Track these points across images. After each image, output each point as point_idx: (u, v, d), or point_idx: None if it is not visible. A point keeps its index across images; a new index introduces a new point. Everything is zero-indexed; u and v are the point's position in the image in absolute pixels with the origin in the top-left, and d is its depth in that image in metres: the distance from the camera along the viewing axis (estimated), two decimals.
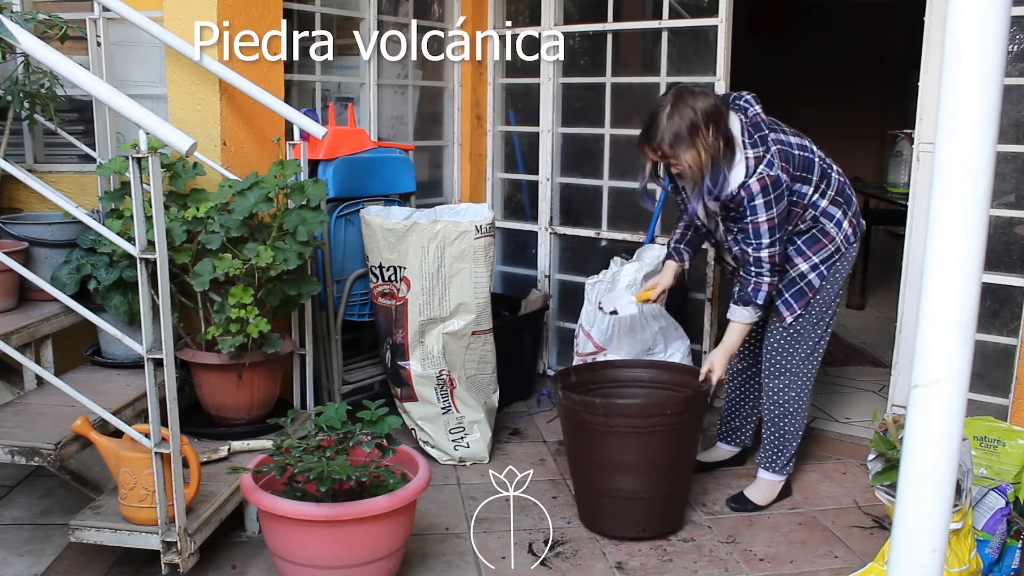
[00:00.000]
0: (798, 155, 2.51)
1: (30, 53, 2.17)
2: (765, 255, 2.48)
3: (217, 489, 2.35)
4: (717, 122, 2.39)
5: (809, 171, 2.53)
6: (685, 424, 2.56)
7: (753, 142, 2.44)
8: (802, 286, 2.61)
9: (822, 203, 2.56)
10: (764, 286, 2.51)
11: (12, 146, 2.89)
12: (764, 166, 2.42)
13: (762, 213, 2.43)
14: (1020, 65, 2.88)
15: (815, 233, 2.59)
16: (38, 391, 2.57)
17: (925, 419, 0.90)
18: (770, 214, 2.43)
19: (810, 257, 2.59)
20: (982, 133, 0.84)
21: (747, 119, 2.48)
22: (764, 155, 2.43)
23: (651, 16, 3.63)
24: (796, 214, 2.54)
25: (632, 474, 2.54)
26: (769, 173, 2.41)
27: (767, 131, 2.47)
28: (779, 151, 2.45)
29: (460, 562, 2.41)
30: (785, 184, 2.44)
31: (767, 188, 2.41)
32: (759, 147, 2.44)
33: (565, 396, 2.58)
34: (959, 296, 0.87)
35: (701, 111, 2.37)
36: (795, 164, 2.49)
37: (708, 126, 2.37)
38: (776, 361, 2.71)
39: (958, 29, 0.84)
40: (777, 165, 2.43)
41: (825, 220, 2.58)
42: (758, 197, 2.42)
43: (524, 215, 4.13)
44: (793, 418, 2.74)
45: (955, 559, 2.04)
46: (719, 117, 2.40)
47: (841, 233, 2.60)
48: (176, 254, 2.50)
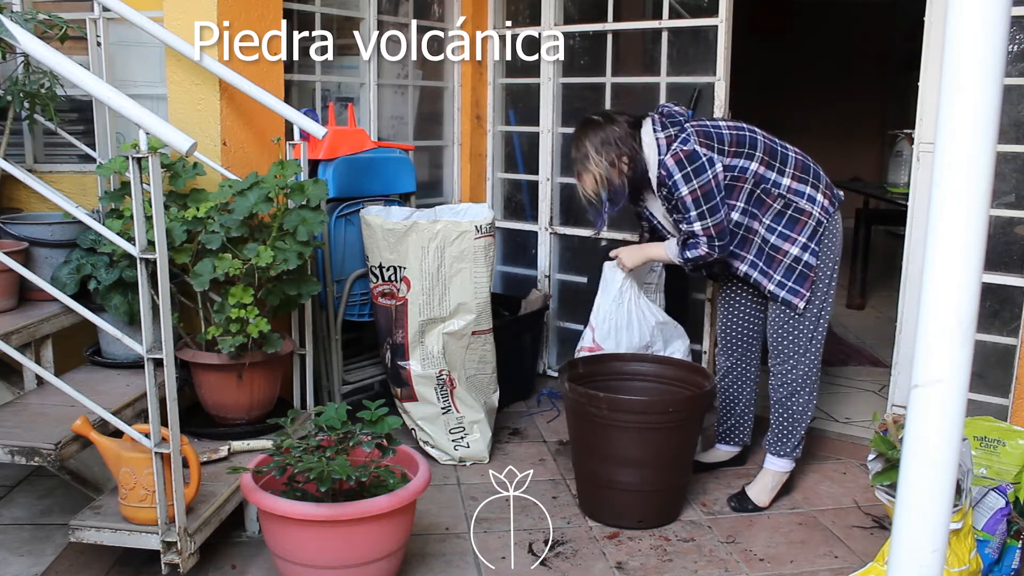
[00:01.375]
0: (727, 133, 2.62)
1: (30, 53, 2.17)
2: (698, 227, 2.58)
3: (217, 489, 2.35)
4: (618, 150, 2.63)
5: (748, 147, 2.62)
6: (686, 422, 2.58)
7: (663, 126, 2.62)
8: (801, 269, 2.64)
9: (784, 181, 2.63)
10: (700, 250, 2.62)
11: (12, 146, 2.89)
12: (678, 143, 2.57)
13: (683, 186, 2.55)
14: (1020, 65, 2.88)
15: (791, 214, 2.63)
16: (38, 391, 2.57)
17: (925, 419, 0.90)
18: (691, 186, 2.55)
19: (796, 239, 2.63)
20: (982, 133, 0.84)
21: (660, 115, 2.67)
22: (677, 135, 2.59)
23: (651, 16, 3.63)
24: (742, 189, 2.61)
25: (632, 467, 2.58)
26: (683, 148, 2.56)
27: (682, 119, 2.65)
28: (696, 130, 2.60)
29: (460, 562, 2.41)
30: (705, 156, 2.55)
31: (682, 162, 2.55)
32: (669, 129, 2.61)
33: (571, 388, 2.60)
34: (959, 296, 0.87)
35: (594, 142, 2.65)
36: (724, 140, 2.60)
37: (600, 153, 2.64)
38: (785, 345, 2.73)
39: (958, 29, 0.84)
40: (692, 141, 2.57)
41: (796, 198, 2.63)
42: (675, 171, 2.55)
43: (524, 215, 4.13)
44: (801, 397, 2.75)
45: (955, 559, 2.04)
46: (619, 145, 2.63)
47: (817, 206, 2.64)
48: (176, 254, 2.50)
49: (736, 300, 2.91)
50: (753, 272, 2.68)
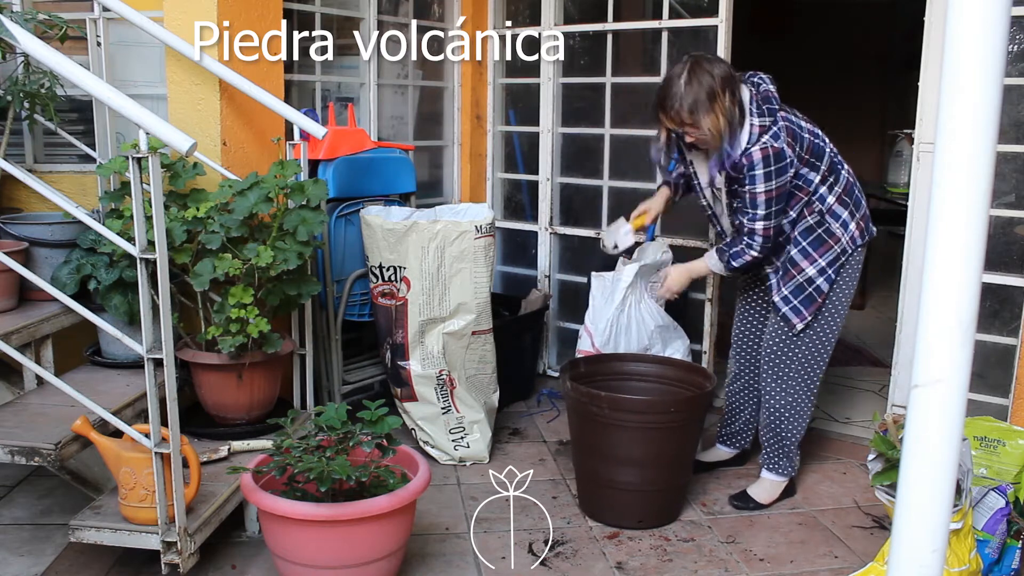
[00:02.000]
0: (808, 138, 2.51)
1: (30, 53, 2.17)
2: (759, 227, 2.49)
3: (217, 489, 2.35)
4: (733, 88, 2.41)
5: (818, 159, 2.52)
6: (687, 422, 2.58)
7: (760, 112, 2.45)
8: (811, 291, 2.59)
9: (829, 199, 2.56)
10: (747, 257, 2.54)
11: (12, 146, 2.89)
12: (769, 136, 2.43)
13: (760, 184, 2.43)
14: (1020, 65, 2.88)
15: (821, 234, 2.57)
16: (38, 391, 2.57)
17: (925, 419, 0.90)
18: (768, 186, 2.43)
19: (816, 260, 2.57)
20: (982, 133, 0.84)
21: (758, 92, 2.49)
22: (770, 126, 2.44)
23: (651, 16, 3.64)
24: (800, 200, 2.53)
25: (633, 467, 2.58)
26: (773, 144, 2.42)
27: (777, 107, 2.48)
28: (786, 127, 2.47)
29: (460, 562, 2.41)
30: (789, 159, 2.44)
31: (769, 159, 2.41)
32: (765, 117, 2.45)
33: (573, 387, 2.61)
34: (959, 296, 0.87)
35: (719, 76, 2.39)
36: (803, 146, 2.49)
37: (725, 91, 2.39)
38: (776, 365, 2.71)
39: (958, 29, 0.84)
40: (783, 139, 2.43)
41: (831, 219, 2.57)
42: (759, 167, 2.42)
43: (524, 215, 4.13)
44: (789, 424, 2.73)
45: (955, 559, 2.04)
46: (734, 83, 2.43)
47: (847, 235, 2.58)
48: (176, 254, 2.50)
49: (753, 308, 2.89)
50: (774, 277, 2.65)
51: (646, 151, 2.80)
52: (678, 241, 3.49)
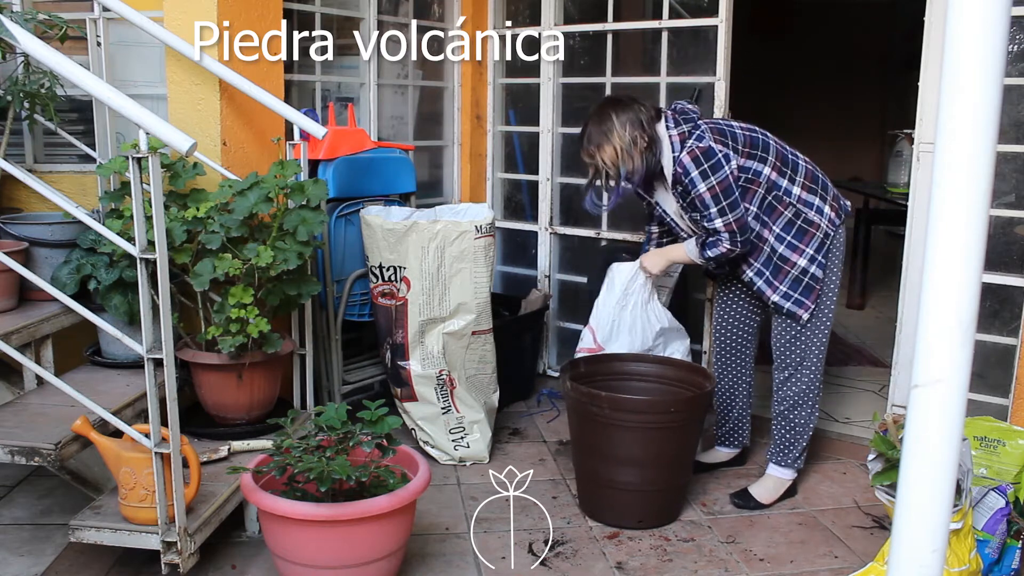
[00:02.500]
0: (740, 133, 2.61)
1: (30, 53, 2.17)
2: (719, 224, 2.55)
3: (217, 489, 2.35)
4: (635, 122, 2.58)
5: (762, 150, 2.61)
6: (687, 422, 2.58)
7: (677, 122, 2.60)
8: (807, 281, 2.64)
9: (795, 190, 2.63)
10: (721, 248, 2.59)
11: (12, 146, 2.89)
12: (693, 140, 2.55)
13: (700, 183, 2.53)
14: (1020, 65, 2.88)
15: (800, 224, 2.63)
16: (38, 391, 2.57)
17: (925, 419, 0.90)
18: (708, 183, 2.52)
19: (804, 250, 2.63)
20: (982, 133, 0.84)
21: (674, 111, 2.65)
22: (691, 131, 2.57)
23: (651, 16, 3.64)
24: (755, 193, 2.60)
25: (633, 467, 2.58)
26: (699, 145, 2.54)
27: (695, 117, 2.63)
28: (710, 128, 2.58)
29: (460, 562, 2.41)
30: (721, 153, 2.53)
31: (698, 159, 2.53)
32: (683, 126, 2.59)
33: (573, 387, 2.61)
34: (959, 296, 0.86)
35: (619, 113, 2.59)
36: (737, 140, 2.59)
37: (624, 126, 2.58)
38: (788, 356, 2.74)
39: (958, 29, 0.84)
40: (707, 138, 2.55)
41: (805, 208, 2.63)
42: (692, 168, 2.53)
43: (524, 215, 4.13)
44: (803, 410, 2.76)
45: (955, 559, 2.04)
46: (636, 121, 2.58)
47: (824, 218, 2.64)
48: (176, 254, 2.50)
49: (732, 303, 2.91)
50: (758, 280, 2.68)
51: None
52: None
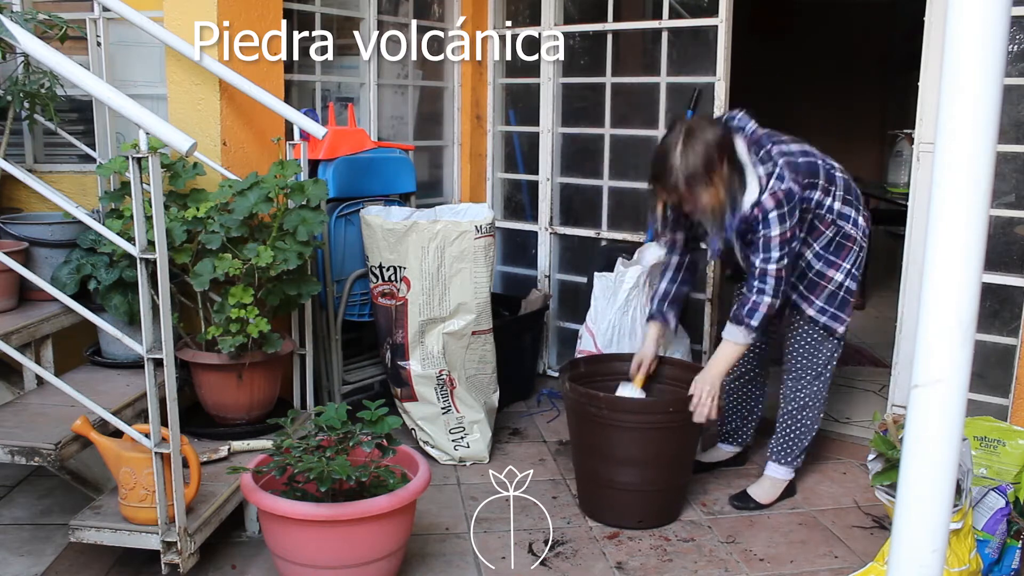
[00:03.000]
0: (802, 162, 2.49)
1: (30, 53, 2.17)
2: (772, 268, 2.43)
3: (217, 489, 2.35)
4: (730, 152, 2.38)
5: (815, 176, 2.51)
6: (685, 422, 2.57)
7: (761, 159, 2.43)
8: (843, 296, 2.61)
9: (836, 205, 2.56)
10: (763, 307, 2.45)
11: (12, 146, 2.89)
12: (775, 180, 2.40)
13: (775, 227, 2.40)
14: (1020, 65, 2.88)
15: (839, 240, 2.58)
16: (38, 391, 2.57)
17: (925, 419, 0.90)
18: (783, 227, 2.40)
19: (841, 265, 2.59)
20: (982, 133, 0.84)
21: (748, 138, 2.47)
22: (774, 170, 2.41)
23: (651, 16, 3.64)
24: (806, 220, 2.52)
25: (632, 467, 2.58)
26: (781, 187, 2.40)
27: (770, 145, 2.46)
28: (786, 163, 2.43)
29: (460, 562, 2.41)
30: (798, 196, 2.42)
31: (780, 202, 2.39)
32: (767, 163, 2.42)
33: (571, 388, 2.61)
34: (959, 296, 0.87)
35: (713, 144, 2.34)
36: (800, 171, 2.47)
37: (722, 159, 2.35)
38: (807, 362, 2.72)
39: (958, 29, 0.84)
40: (788, 178, 2.41)
41: (843, 222, 2.57)
42: (773, 212, 2.39)
43: (524, 215, 4.13)
44: (811, 412, 2.75)
45: (955, 559, 2.04)
46: (729, 146, 2.38)
47: (859, 231, 2.61)
48: (176, 254, 2.50)
49: None
50: (792, 293, 2.63)
51: (646, 151, 2.79)
52: None
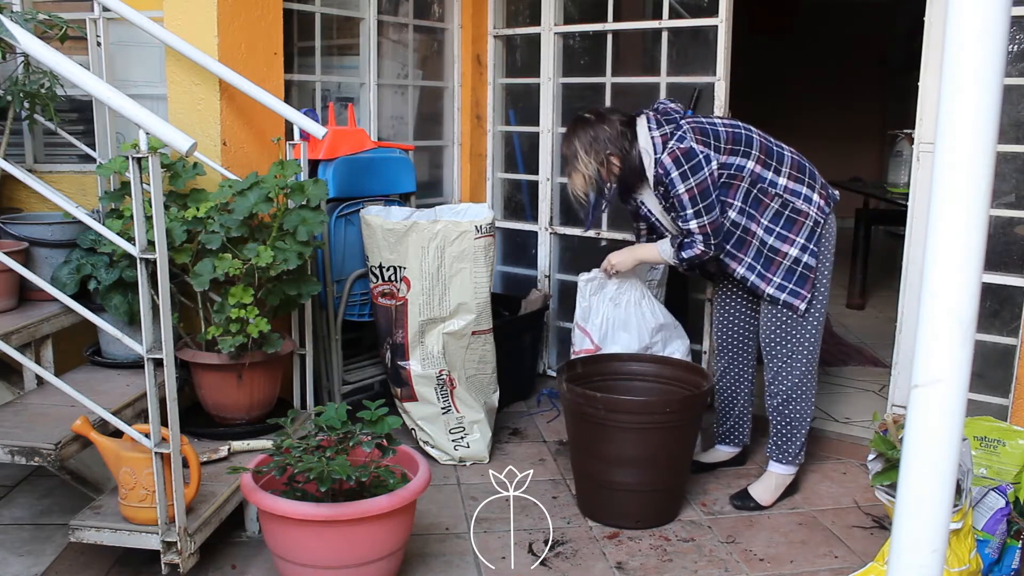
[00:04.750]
0: (723, 131, 2.63)
1: (30, 53, 2.17)
2: (694, 225, 2.58)
3: (217, 489, 2.35)
4: (600, 146, 2.65)
5: (745, 145, 2.62)
6: (683, 422, 2.58)
7: (659, 123, 2.62)
8: (801, 271, 2.63)
9: (781, 180, 2.63)
10: (695, 250, 2.63)
11: (12, 146, 2.89)
12: (674, 141, 2.57)
13: (680, 184, 2.55)
14: (1020, 65, 2.88)
15: (788, 215, 2.63)
16: (38, 391, 2.57)
17: (925, 419, 0.90)
18: (687, 184, 2.55)
19: (795, 240, 2.63)
20: (982, 133, 0.84)
21: (656, 112, 2.68)
22: (673, 132, 2.59)
23: (651, 16, 3.64)
24: (739, 188, 2.61)
25: (630, 468, 2.58)
26: (680, 146, 2.56)
27: (678, 116, 2.66)
28: (692, 127, 2.60)
29: (460, 562, 2.41)
30: (702, 154, 2.56)
31: (679, 160, 2.55)
32: (665, 127, 2.61)
33: (569, 388, 2.61)
34: (959, 296, 0.86)
35: (584, 141, 2.67)
36: (719, 138, 2.60)
37: (588, 152, 2.66)
38: (782, 351, 2.72)
39: (958, 29, 0.84)
40: (688, 139, 2.57)
41: (792, 198, 2.63)
42: (672, 170, 2.55)
43: (524, 215, 4.13)
44: (798, 403, 2.74)
45: (955, 559, 2.04)
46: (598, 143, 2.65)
47: (814, 207, 2.64)
48: (176, 254, 2.50)
49: (731, 301, 2.91)
50: (751, 275, 2.67)
51: None
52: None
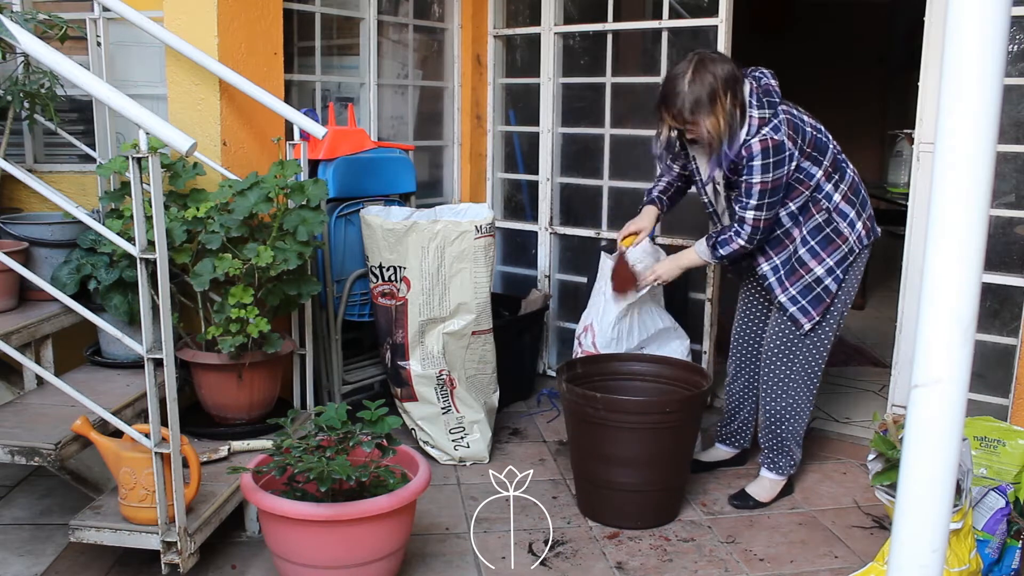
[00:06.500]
0: (810, 132, 2.52)
1: (30, 53, 2.17)
2: (750, 216, 2.49)
3: (217, 489, 2.35)
4: (735, 88, 2.43)
5: (820, 153, 2.53)
6: (683, 422, 2.58)
7: (760, 104, 2.46)
8: (819, 292, 2.59)
9: (835, 197, 2.56)
10: (735, 245, 2.54)
11: (12, 146, 2.89)
12: (769, 129, 2.44)
13: (757, 175, 2.44)
14: (1020, 65, 2.88)
15: (829, 232, 2.57)
16: (38, 391, 2.57)
17: (925, 419, 0.90)
18: (765, 177, 2.44)
19: (825, 260, 2.57)
20: (982, 133, 0.84)
21: (759, 86, 2.50)
22: (770, 119, 2.45)
23: (651, 16, 3.64)
24: (800, 193, 2.53)
25: (629, 468, 2.58)
26: (773, 136, 2.43)
27: (778, 100, 2.50)
28: (787, 120, 2.47)
29: (460, 562, 2.41)
30: (789, 152, 2.44)
31: (768, 150, 2.42)
32: (765, 110, 2.46)
33: (569, 388, 2.60)
34: (959, 296, 0.86)
35: (721, 77, 2.41)
36: (805, 139, 2.50)
37: (727, 92, 2.41)
38: (778, 366, 2.70)
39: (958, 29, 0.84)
40: (783, 132, 2.45)
41: (839, 218, 2.57)
42: (757, 158, 2.43)
43: (524, 215, 4.13)
44: (788, 425, 2.72)
45: (955, 559, 2.04)
46: (737, 83, 2.44)
47: (855, 234, 2.58)
48: (176, 254, 2.50)
49: (753, 307, 2.89)
50: (771, 276, 2.63)
51: (646, 151, 2.79)
52: (678, 241, 3.50)
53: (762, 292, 2.84)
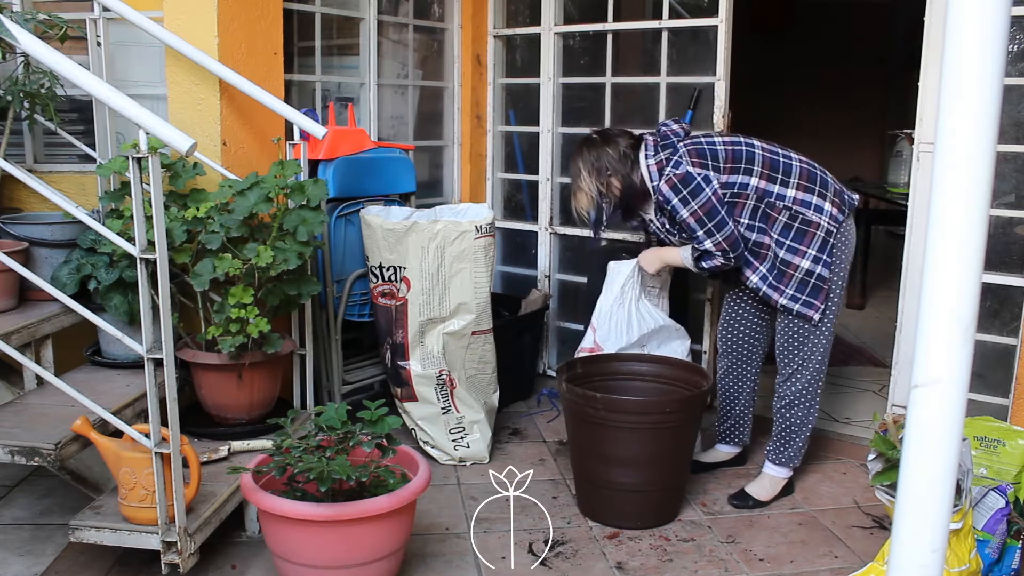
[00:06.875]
0: (722, 150, 2.63)
1: (30, 53, 2.17)
2: (709, 244, 2.60)
3: (217, 489, 2.35)
4: (599, 168, 2.70)
5: (744, 162, 2.62)
6: (683, 422, 2.58)
7: (656, 151, 2.65)
8: (814, 282, 2.62)
9: (789, 193, 2.61)
10: (715, 261, 2.64)
11: (12, 146, 2.89)
12: (670, 167, 2.60)
13: (682, 210, 2.58)
14: (1020, 65, 2.88)
15: (799, 226, 2.61)
16: (38, 391, 2.57)
17: (925, 419, 0.90)
18: (690, 208, 2.57)
19: (806, 252, 2.61)
20: (982, 133, 0.84)
21: (658, 135, 2.70)
22: (669, 158, 2.61)
23: (651, 16, 3.64)
24: (744, 205, 2.61)
25: (629, 468, 2.58)
26: (675, 172, 2.58)
27: (676, 140, 2.66)
28: (689, 150, 2.62)
29: (460, 562, 2.41)
30: (701, 176, 2.57)
31: (676, 187, 2.57)
32: (661, 153, 2.64)
33: (569, 388, 2.61)
34: (959, 296, 0.86)
35: (583, 162, 2.73)
36: (719, 158, 2.61)
37: (592, 175, 2.71)
38: (792, 356, 2.73)
39: (958, 29, 0.84)
40: (684, 163, 2.59)
41: (802, 209, 2.61)
42: (672, 197, 2.58)
43: (524, 215, 4.13)
44: (800, 409, 2.75)
45: (955, 559, 2.04)
46: (602, 163, 2.69)
47: (825, 216, 2.62)
48: (176, 254, 2.50)
49: (740, 303, 2.90)
50: (763, 285, 2.66)
51: None
52: None
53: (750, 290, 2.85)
